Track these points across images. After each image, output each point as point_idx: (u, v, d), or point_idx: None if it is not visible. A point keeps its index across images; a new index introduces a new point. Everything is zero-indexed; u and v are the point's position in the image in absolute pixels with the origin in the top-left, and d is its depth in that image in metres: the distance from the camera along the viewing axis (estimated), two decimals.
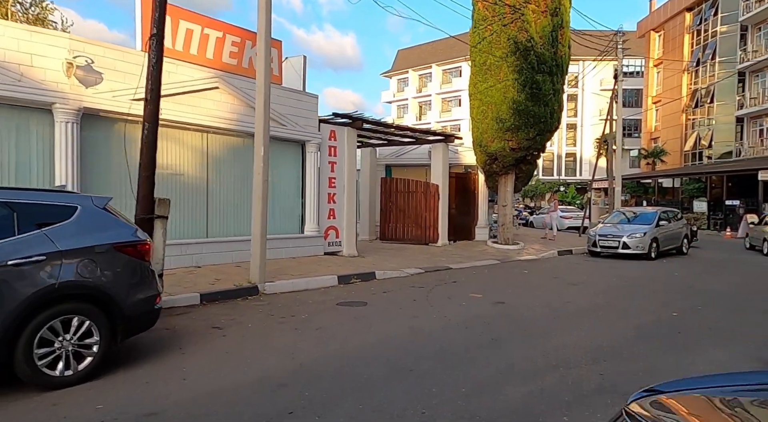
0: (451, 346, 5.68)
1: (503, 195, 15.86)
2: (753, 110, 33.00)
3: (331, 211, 12.10)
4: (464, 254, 14.33)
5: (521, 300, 8.38)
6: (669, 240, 15.14)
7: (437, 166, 15.85)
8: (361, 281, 9.88)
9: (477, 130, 15.41)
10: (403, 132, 14.99)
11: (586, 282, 10.26)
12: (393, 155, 18.00)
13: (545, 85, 14.22)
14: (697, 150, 38.07)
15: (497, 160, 15.21)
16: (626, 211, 16.87)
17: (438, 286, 9.57)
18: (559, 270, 12.22)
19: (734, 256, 15.86)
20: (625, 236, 14.33)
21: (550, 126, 14.74)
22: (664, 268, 12.69)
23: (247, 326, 6.46)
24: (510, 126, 14.41)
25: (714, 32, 36.68)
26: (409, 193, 16.13)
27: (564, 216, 26.98)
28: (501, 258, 13.71)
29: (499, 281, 10.40)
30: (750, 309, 7.87)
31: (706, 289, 9.63)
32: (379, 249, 14.74)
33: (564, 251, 15.73)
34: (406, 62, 65.12)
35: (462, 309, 7.59)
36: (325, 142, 11.90)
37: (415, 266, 11.63)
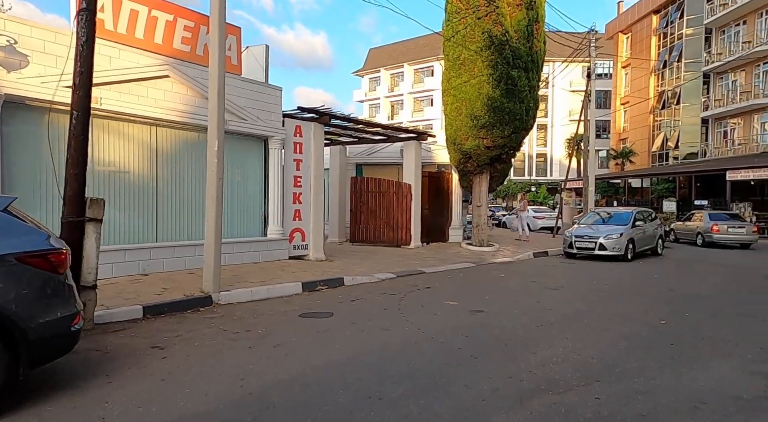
0: (425, 365, 5.01)
1: (478, 195, 15.34)
2: (717, 111, 33.64)
3: (297, 212, 11.30)
4: (438, 257, 13.74)
5: (500, 307, 7.79)
6: (644, 241, 14.90)
7: (409, 164, 15.21)
8: (327, 288, 9.13)
9: (451, 127, 14.84)
10: (373, 128, 14.29)
11: (566, 286, 9.77)
12: (364, 154, 17.29)
13: (521, 80, 13.76)
14: (664, 151, 38.69)
15: (471, 158, 14.68)
16: (601, 212, 16.63)
17: (411, 293, 8.91)
18: (537, 273, 11.74)
19: (706, 256, 15.75)
20: (601, 237, 13.99)
21: (526, 123, 14.30)
22: (641, 270, 12.37)
23: (194, 344, 5.64)
24: (485, 123, 13.89)
25: (680, 35, 37.32)
26: (380, 193, 15.44)
27: (537, 217, 26.79)
28: (476, 261, 13.17)
29: (475, 286, 9.81)
30: (736, 314, 7.47)
31: (687, 292, 9.25)
32: (348, 253, 14.00)
33: (539, 252, 15.32)
34: (377, 61, 64.51)
35: (437, 320, 6.94)
36: (289, 138, 11.10)
37: (386, 270, 10.95)
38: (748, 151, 31.10)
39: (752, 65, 31.74)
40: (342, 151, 16.73)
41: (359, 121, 12.94)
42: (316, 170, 11.61)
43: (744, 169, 22.97)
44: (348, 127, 13.97)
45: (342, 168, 16.69)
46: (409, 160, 15.22)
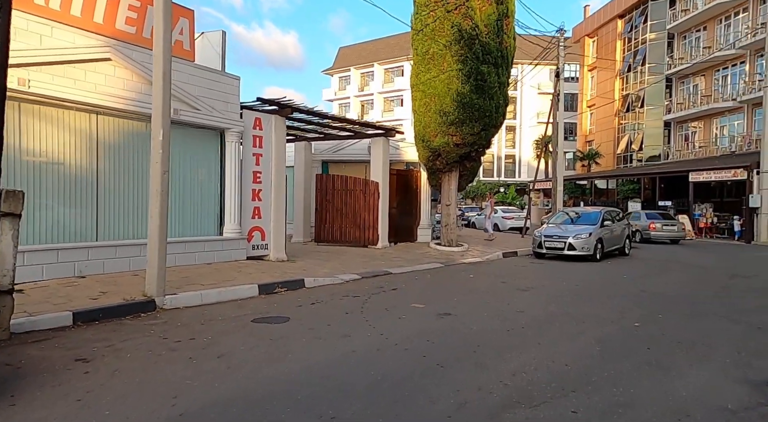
0: (387, 376, 4.50)
1: (447, 193, 14.97)
2: (679, 115, 34.44)
3: (256, 210, 10.63)
4: (406, 257, 13.28)
5: (469, 310, 7.36)
6: (613, 241, 14.82)
7: (377, 162, 14.71)
8: (287, 290, 8.52)
9: (419, 123, 14.42)
10: (339, 124, 13.71)
11: (536, 287, 9.44)
12: (330, 150, 16.69)
13: (490, 76, 13.45)
14: (629, 152, 39.44)
15: (441, 156, 14.29)
16: (570, 211, 16.51)
17: (376, 295, 8.40)
18: (506, 273, 11.41)
19: (671, 256, 15.82)
20: (570, 237, 13.81)
21: (496, 121, 14.00)
22: (611, 270, 12.21)
23: (126, 356, 4.97)
24: (454, 120, 13.52)
25: (644, 39, 38.09)
26: (346, 191, 14.89)
27: (506, 217, 26.73)
28: (444, 261, 12.77)
29: (443, 287, 9.37)
30: (708, 315, 7.25)
31: (658, 293, 9.05)
32: (312, 253, 13.39)
33: (509, 253, 15.05)
34: (347, 60, 63.85)
35: (402, 324, 6.45)
36: (248, 131, 10.42)
37: (351, 271, 10.41)
38: (708, 154, 31.92)
39: (712, 70, 32.60)
40: (307, 147, 16.10)
41: (324, 115, 12.36)
42: (277, 165, 10.97)
43: (706, 171, 23.43)
44: (312, 121, 13.37)
45: (307, 165, 16.07)
46: (376, 157, 14.72)
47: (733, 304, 8.11)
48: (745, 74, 29.81)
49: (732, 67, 31.42)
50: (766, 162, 20.54)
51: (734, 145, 30.58)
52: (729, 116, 31.58)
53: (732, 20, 31.30)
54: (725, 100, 30.66)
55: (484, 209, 19.99)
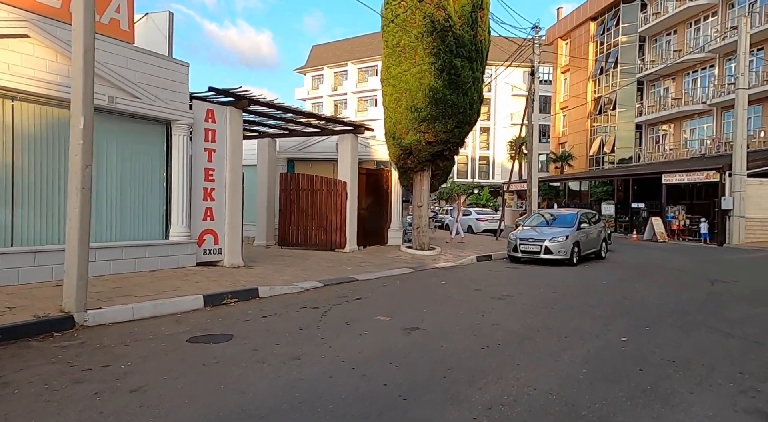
0: (338, 414, 3.67)
1: (418, 194, 14.22)
2: (650, 118, 34.66)
3: (208, 211, 9.64)
4: (374, 261, 12.46)
5: (439, 323, 6.59)
6: (589, 244, 14.32)
7: (345, 160, 13.85)
8: (237, 301, 7.59)
9: (390, 120, 13.63)
10: (304, 119, 12.80)
11: (513, 295, 8.74)
12: (296, 148, 15.76)
13: (464, 71, 12.76)
14: (601, 155, 39.60)
15: (412, 154, 13.53)
16: (546, 213, 15.96)
17: (337, 306, 7.55)
18: (481, 279, 10.70)
19: (647, 259, 15.44)
20: (547, 240, 13.23)
21: (470, 118, 13.32)
22: (589, 276, 11.64)
23: (13, 392, 4.00)
24: (426, 116, 12.77)
25: (615, 42, 38.28)
26: (312, 191, 13.98)
27: (480, 219, 26.19)
28: (415, 266, 12.00)
29: (412, 296, 8.58)
30: (699, 327, 6.65)
31: (641, 300, 8.46)
32: (274, 257, 12.45)
33: (483, 256, 14.39)
34: (321, 59, 62.75)
35: (363, 342, 5.62)
36: (199, 124, 9.43)
37: (313, 278, 9.53)
38: (679, 157, 32.15)
39: (682, 73, 32.89)
40: (271, 144, 15.13)
41: (285, 109, 11.43)
42: (233, 162, 10.01)
43: (678, 173, 23.35)
44: (275, 116, 12.42)
45: (271, 163, 15.09)
46: (344, 155, 13.86)
47: (721, 313, 7.56)
48: (715, 77, 30.11)
49: (702, 71, 31.73)
50: (738, 164, 20.49)
51: (704, 148, 30.85)
52: (699, 119, 31.89)
53: (702, 24, 31.61)
54: (695, 103, 30.92)
55: (452, 210, 19.21)
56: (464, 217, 27.94)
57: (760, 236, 21.03)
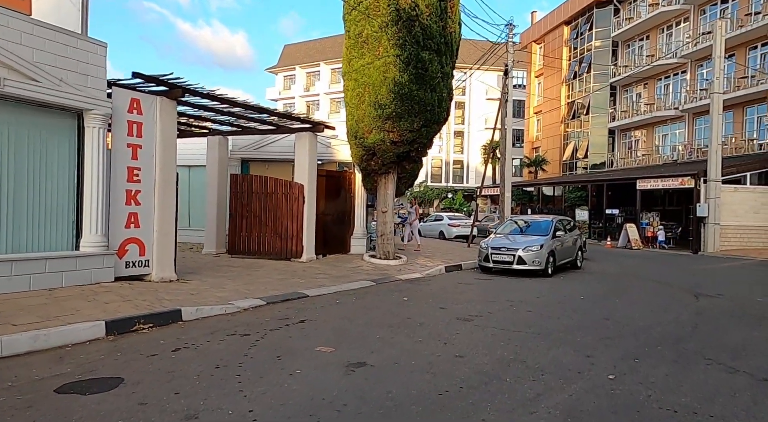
0: None
1: (383, 198, 13.08)
2: (623, 123, 34.44)
3: (132, 217, 8.27)
4: (332, 273, 11.25)
5: (392, 355, 5.44)
6: (565, 253, 13.41)
7: (302, 161, 12.61)
8: (152, 327, 6.29)
9: (352, 117, 12.48)
10: (255, 113, 11.47)
11: (482, 316, 7.66)
12: (251, 147, 14.44)
13: (432, 65, 11.71)
14: (575, 160, 39.30)
15: (376, 155, 12.39)
16: (519, 220, 15.02)
17: (274, 331, 6.34)
18: (447, 295, 9.61)
19: (624, 269, 14.65)
20: (520, 249, 12.25)
21: (438, 116, 12.27)
22: (566, 289, 10.67)
23: None
24: (391, 113, 11.66)
25: (589, 47, 38.08)
26: (266, 195, 12.69)
27: (452, 225, 25.23)
28: (378, 278, 10.84)
29: (367, 318, 7.41)
30: (696, 359, 5.66)
31: (625, 322, 7.48)
32: (219, 268, 11.12)
33: (452, 266, 13.33)
34: (293, 59, 61.25)
35: (291, 388, 4.43)
36: (121, 115, 8.08)
37: (256, 294, 8.28)
38: (651, 162, 31.95)
39: (654, 79, 32.76)
40: (223, 142, 13.78)
41: (230, 101, 10.11)
42: (164, 161, 8.67)
43: (653, 178, 22.86)
44: (223, 110, 11.11)
45: (222, 163, 13.74)
46: (301, 155, 12.61)
47: (717, 339, 6.62)
48: (687, 83, 29.99)
49: (674, 76, 31.63)
50: (714, 170, 20.06)
51: (676, 154, 30.70)
52: (671, 125, 31.77)
53: (674, 30, 31.53)
54: (667, 109, 30.76)
55: (409, 215, 18.00)
56: (437, 222, 27.02)
57: (735, 244, 20.63)
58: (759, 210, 21.08)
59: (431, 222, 27.49)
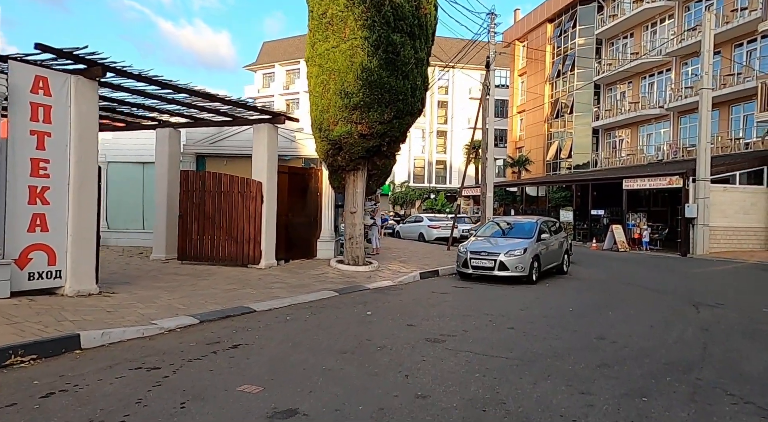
0: None
1: (352, 198, 11.83)
2: (607, 122, 33.74)
3: (38, 219, 6.89)
4: (291, 281, 9.97)
5: (336, 397, 4.20)
6: (550, 257, 12.33)
7: (261, 155, 11.30)
8: (36, 360, 4.96)
9: (316, 107, 11.23)
10: (203, 100, 10.08)
11: (455, 335, 6.46)
12: (207, 141, 13.09)
13: (405, 49, 10.52)
14: (558, 160, 38.53)
15: (342, 149, 11.15)
16: (501, 221, 13.88)
17: (194, 362, 5.06)
18: (419, 307, 8.40)
19: (612, 274, 13.63)
20: (501, 254, 11.12)
21: (412, 106, 11.07)
22: (553, 300, 9.54)
23: None
24: (358, 102, 10.44)
25: (573, 44, 37.36)
26: (220, 194, 11.36)
27: (432, 226, 24.09)
28: (342, 287, 9.60)
29: (317, 340, 6.16)
30: (719, 398, 4.53)
31: (623, 343, 6.35)
32: (161, 277, 9.77)
33: (428, 272, 12.13)
34: (272, 56, 59.67)
35: None
36: (21, 96, 6.69)
37: (191, 310, 6.99)
38: (636, 162, 31.26)
39: (639, 77, 32.11)
40: (174, 135, 12.40)
41: (172, 87, 8.76)
42: (81, 152, 7.30)
43: (640, 178, 22.01)
44: (164, 96, 9.75)
45: (173, 158, 12.37)
46: (260, 149, 11.30)
47: (733, 366, 5.51)
48: (672, 81, 29.35)
49: (659, 75, 31.01)
50: (702, 169, 19.24)
51: (661, 154, 30.05)
52: (655, 124, 31.13)
53: (658, 27, 30.90)
54: (652, 108, 30.11)
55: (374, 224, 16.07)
56: (416, 224, 25.86)
57: (724, 245, 19.84)
58: (749, 210, 20.34)
59: (411, 223, 26.34)
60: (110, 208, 15.07)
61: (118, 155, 14.85)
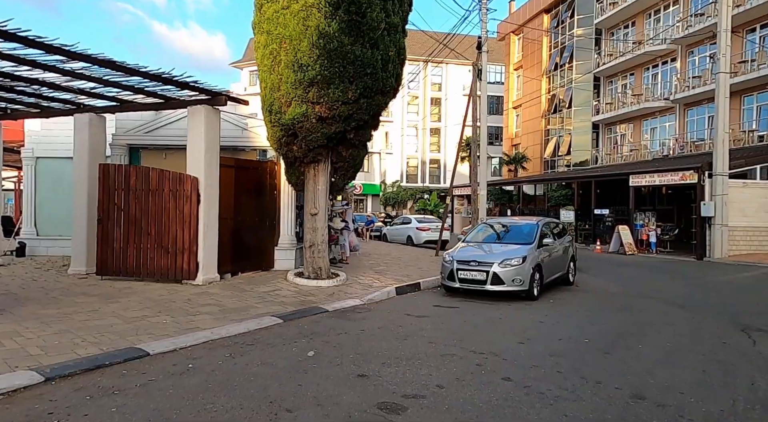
0: None
1: (312, 196, 9.68)
2: (608, 116, 31.77)
3: None
4: (228, 303, 7.82)
5: None
6: (554, 267, 10.24)
7: (197, 145, 9.15)
8: None
9: (265, 85, 9.11)
10: (117, 76, 7.88)
11: (424, 396, 4.34)
12: (142, 129, 10.93)
13: (372, 10, 8.40)
14: (557, 157, 36.54)
15: (298, 136, 9.02)
16: (495, 224, 11.72)
17: None
18: (383, 342, 6.25)
19: (629, 286, 11.56)
20: (496, 263, 9.02)
21: (383, 83, 8.93)
22: (561, 326, 7.42)
23: None
24: (315, 77, 8.32)
25: (571, 35, 35.42)
26: (148, 193, 9.20)
27: (421, 228, 21.96)
28: (292, 311, 7.47)
29: (215, 406, 4.01)
30: None
31: (676, 407, 4.25)
32: (62, 299, 7.61)
33: (407, 286, 9.99)
34: None
35: None
36: None
37: (48, 358, 4.85)
38: (639, 158, 29.26)
39: (641, 68, 30.18)
40: (97, 122, 10.23)
41: (64, 52, 6.57)
42: None
43: (649, 174, 19.95)
44: (71, 71, 7.60)
45: (96, 150, 10.20)
46: (196, 136, 9.15)
47: None
48: (677, 72, 27.38)
49: (663, 65, 29.06)
50: (720, 162, 17.20)
51: (666, 149, 28.07)
52: (660, 117, 29.18)
53: (662, 14, 28.93)
54: (656, 100, 28.14)
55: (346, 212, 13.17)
56: (404, 226, 23.74)
57: (743, 247, 17.79)
58: None
59: (398, 225, 24.22)
60: (40, 211, 12.91)
61: (48, 150, 12.70)
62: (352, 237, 13.22)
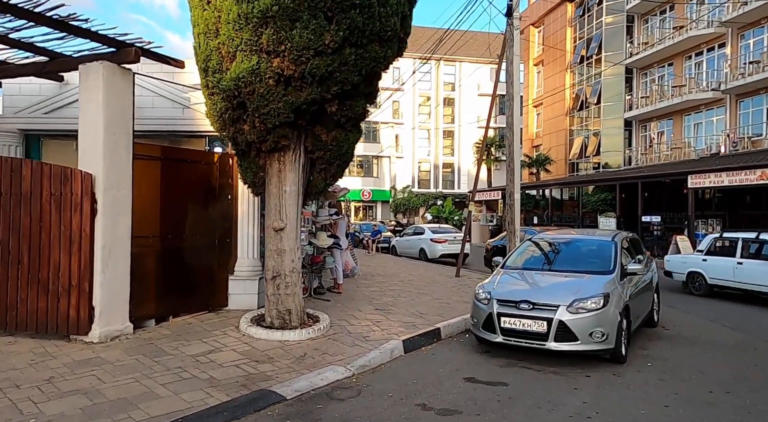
0: None
1: (276, 201, 6.35)
2: (643, 111, 28.21)
3: None
4: (108, 390, 4.52)
5: None
6: (641, 306, 6.83)
7: (92, 123, 5.88)
8: None
9: (198, 28, 5.85)
10: None
11: None
12: (40, 110, 7.66)
13: None
14: (583, 157, 33.05)
15: (248, 107, 5.70)
16: (544, 241, 8.12)
17: None
18: None
19: (738, 324, 8.08)
20: (562, 307, 5.62)
21: (383, 22, 5.58)
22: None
23: None
24: (270, 7, 5.04)
25: (599, 24, 32.03)
26: (20, 199, 5.97)
27: (436, 240, 18.54)
28: (218, 405, 4.13)
29: None
30: None
31: None
32: None
33: (421, 336, 6.56)
34: None
35: None
36: None
37: None
38: (682, 157, 25.67)
39: (681, 56, 26.64)
40: None
41: None
42: None
43: (714, 172, 16.41)
44: None
45: None
46: (89, 110, 5.88)
47: None
48: (727, 58, 23.84)
49: (708, 52, 25.55)
50: None
51: (714, 146, 24.47)
52: (705, 111, 25.63)
53: None
54: (702, 91, 24.59)
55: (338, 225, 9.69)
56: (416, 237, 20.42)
57: None
58: None
59: (409, 236, 20.84)
60: None
61: None
62: (347, 258, 9.84)
